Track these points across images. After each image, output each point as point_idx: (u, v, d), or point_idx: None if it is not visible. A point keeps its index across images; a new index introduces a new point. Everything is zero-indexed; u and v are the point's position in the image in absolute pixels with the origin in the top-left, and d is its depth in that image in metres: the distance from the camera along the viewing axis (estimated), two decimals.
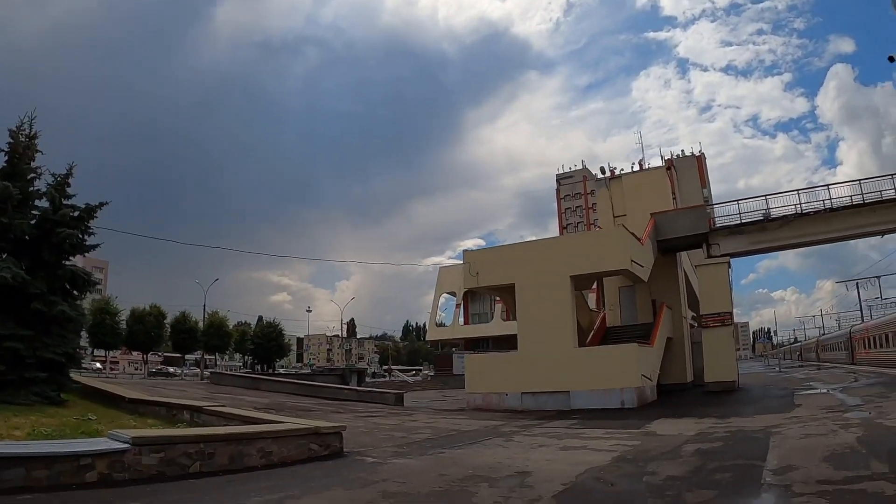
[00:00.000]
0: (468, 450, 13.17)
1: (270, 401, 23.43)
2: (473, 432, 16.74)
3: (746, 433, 13.87)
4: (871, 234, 31.51)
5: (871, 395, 19.97)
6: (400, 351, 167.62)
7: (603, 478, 9.42)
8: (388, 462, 11.09)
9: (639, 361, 24.36)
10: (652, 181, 37.22)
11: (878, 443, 10.62)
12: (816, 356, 76.45)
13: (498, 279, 27.72)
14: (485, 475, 9.60)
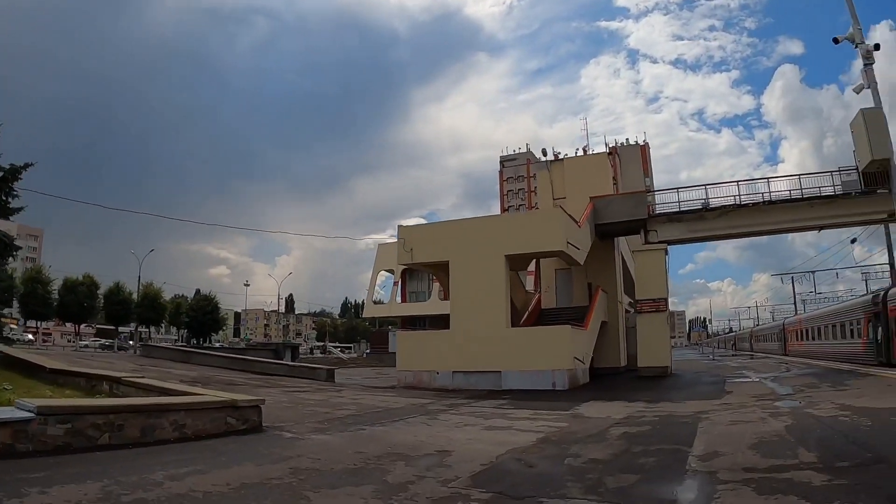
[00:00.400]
0: (390, 427, 12.88)
1: (199, 374, 22.73)
2: (399, 410, 16.49)
3: (675, 418, 13.83)
4: (808, 228, 32.26)
5: (802, 385, 20.29)
6: (338, 328, 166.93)
7: (524, 459, 9.16)
8: (305, 438, 10.77)
9: (571, 344, 24.41)
10: (593, 166, 37.42)
11: (807, 431, 10.58)
12: (750, 346, 78.35)
13: (432, 256, 27.38)
14: (403, 453, 9.38)
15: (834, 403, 14.32)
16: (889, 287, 29.89)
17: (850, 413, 12.47)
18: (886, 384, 18.49)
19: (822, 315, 40.90)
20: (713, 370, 33.99)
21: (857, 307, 32.25)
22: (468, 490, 7.08)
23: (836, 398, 15.50)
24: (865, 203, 28.86)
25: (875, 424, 10.84)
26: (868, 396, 15.27)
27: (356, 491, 6.91)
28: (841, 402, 14.55)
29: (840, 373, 24.51)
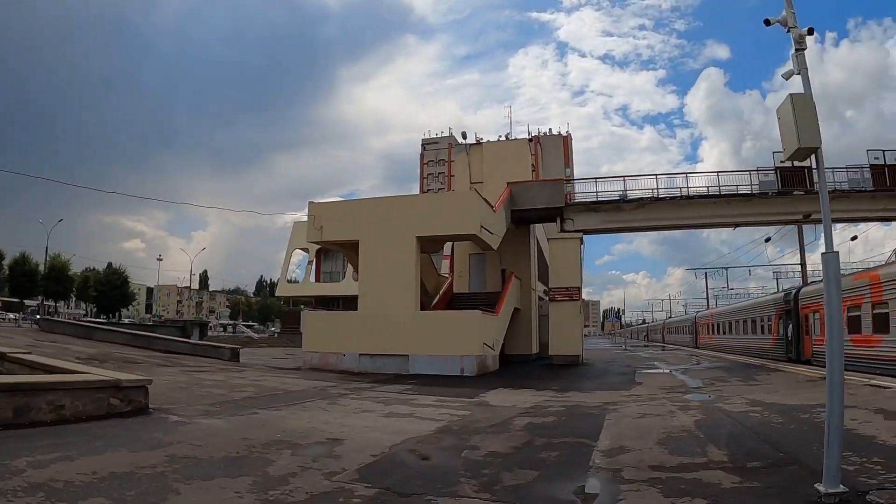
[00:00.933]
0: (286, 412, 12.24)
1: (98, 351, 21.41)
2: (299, 393, 15.80)
3: (583, 409, 13.48)
4: (725, 225, 33.06)
5: (712, 379, 20.40)
6: (252, 306, 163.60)
7: (419, 450, 8.63)
8: (192, 422, 10.09)
9: (481, 329, 24.03)
10: (513, 151, 37.28)
11: (717, 427, 10.31)
12: (662, 338, 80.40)
13: (342, 234, 26.44)
14: (292, 441, 8.87)
15: (744, 398, 14.27)
16: (801, 286, 30.77)
17: (761, 409, 12.36)
18: (796, 380, 18.73)
19: (734, 310, 41.97)
20: (624, 360, 34.23)
21: (768, 304, 33.06)
22: (353, 485, 6.56)
23: (746, 393, 15.52)
24: (781, 203, 29.78)
25: (786, 421, 10.67)
26: (779, 392, 15.33)
27: (231, 484, 6.37)
28: (751, 397, 14.53)
29: (750, 367, 24.89)
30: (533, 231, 35.05)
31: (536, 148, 41.44)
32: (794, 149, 6.39)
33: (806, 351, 26.12)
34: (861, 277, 21.78)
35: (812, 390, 15.38)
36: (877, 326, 19.78)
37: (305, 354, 25.97)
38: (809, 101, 6.50)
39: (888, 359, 18.92)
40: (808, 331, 26.17)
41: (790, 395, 14.62)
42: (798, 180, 29.72)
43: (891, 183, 29.35)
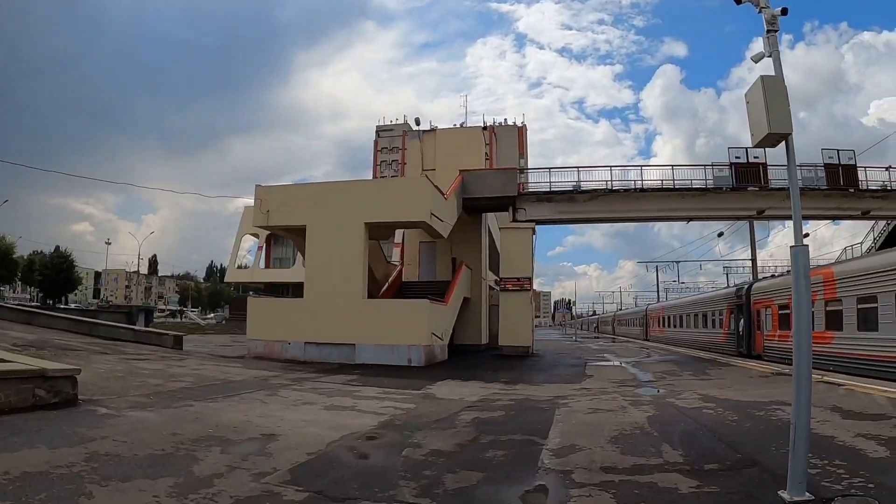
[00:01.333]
0: (222, 404, 11.61)
1: (37, 337, 20.43)
2: (239, 383, 15.21)
3: (532, 403, 13.09)
4: (678, 218, 33.10)
5: (663, 372, 20.28)
6: (202, 292, 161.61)
7: (358, 448, 8.19)
8: (122, 415, 9.54)
9: (429, 319, 23.62)
10: (467, 139, 36.93)
11: (670, 424, 10.01)
12: (612, 329, 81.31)
13: (289, 219, 25.63)
14: (224, 436, 8.37)
15: (697, 393, 14.08)
16: (753, 281, 30.97)
17: (715, 405, 12.13)
18: (748, 375, 18.64)
19: (685, 304, 42.31)
20: (575, 352, 34.16)
21: (720, 298, 33.27)
22: (282, 487, 6.13)
23: (698, 388, 15.35)
24: (735, 199, 30.15)
25: (741, 419, 10.39)
26: (731, 388, 15.15)
27: (151, 486, 5.91)
28: (704, 392, 14.36)
29: (701, 361, 24.89)
30: (485, 220, 34.75)
31: (491, 137, 41.28)
32: (764, 134, 6.00)
33: (757, 346, 26.25)
34: (814, 274, 21.82)
35: (765, 386, 15.29)
36: (830, 323, 19.85)
37: (249, 342, 25.22)
38: (781, 84, 6.12)
39: (840, 356, 18.99)
40: (759, 326, 26.30)
41: (743, 390, 14.46)
42: (753, 176, 29.94)
43: (844, 182, 29.78)
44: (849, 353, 18.55)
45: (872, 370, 17.01)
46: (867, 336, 17.79)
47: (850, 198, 29.95)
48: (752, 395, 13.47)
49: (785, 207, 29.68)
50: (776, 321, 24.38)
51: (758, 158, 30.32)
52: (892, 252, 18.39)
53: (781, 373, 18.38)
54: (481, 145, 36.43)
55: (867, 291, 17.92)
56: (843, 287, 19.10)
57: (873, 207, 30.39)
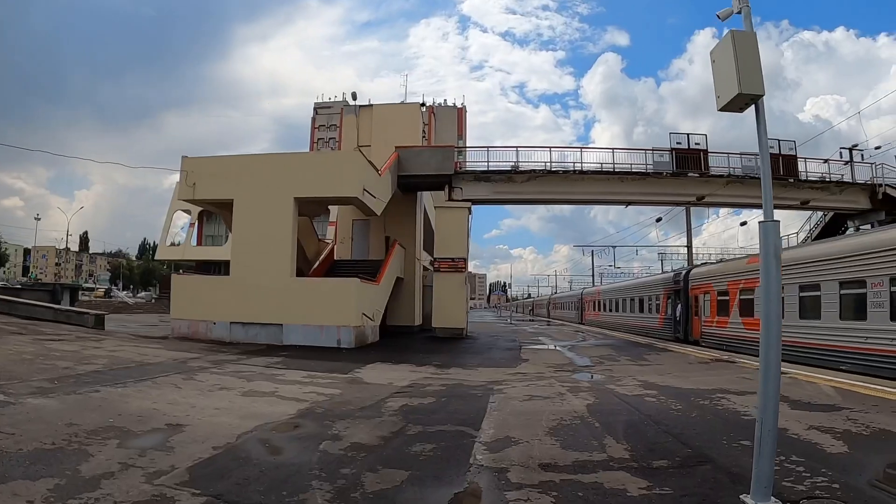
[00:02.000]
0: (132, 389, 10.81)
1: None
2: (156, 366, 14.34)
3: (465, 389, 12.39)
4: (617, 202, 33.12)
5: (600, 357, 19.81)
6: (133, 270, 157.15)
7: (271, 441, 7.44)
8: (19, 402, 8.88)
9: (360, 299, 22.80)
10: (404, 115, 36.02)
11: (612, 413, 9.43)
12: (548, 313, 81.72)
13: (216, 193, 24.31)
14: (125, 427, 7.70)
15: (636, 380, 13.60)
16: (692, 266, 30.98)
17: (657, 393, 11.62)
18: (687, 361, 18.30)
19: (622, 288, 42.37)
20: (510, 334, 33.67)
21: (657, 283, 33.25)
22: (177, 490, 5.41)
23: (637, 374, 14.89)
24: (675, 184, 30.32)
25: (686, 409, 9.87)
26: (672, 374, 14.71)
27: (28, 489, 5.24)
28: (644, 378, 13.88)
29: (638, 346, 24.57)
30: (420, 199, 34.24)
31: (430, 118, 40.87)
32: (733, 95, 5.30)
33: (695, 332, 26.18)
34: (756, 261, 21.64)
35: (706, 373, 14.91)
36: None
37: (174, 322, 24.02)
38: (753, 40, 5.42)
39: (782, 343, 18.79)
40: (697, 312, 26.21)
41: (684, 377, 14.02)
42: (693, 163, 30.06)
43: (784, 172, 30.15)
44: (789, 340, 18.37)
45: (813, 359, 16.87)
46: (809, 324, 17.64)
47: (790, 188, 30.31)
48: (694, 382, 13.04)
49: (724, 194, 29.89)
50: (714, 307, 24.27)
51: (699, 145, 30.43)
52: (835, 241, 18.31)
53: (721, 359, 18.15)
54: (419, 122, 35.66)
55: (810, 279, 17.76)
56: (784, 274, 18.88)
57: (812, 198, 30.77)
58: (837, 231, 33.74)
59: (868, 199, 32.10)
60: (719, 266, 25.66)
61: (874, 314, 15.14)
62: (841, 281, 16.44)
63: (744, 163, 30.54)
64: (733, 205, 32.77)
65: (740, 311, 21.75)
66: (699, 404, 10.24)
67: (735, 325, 22.17)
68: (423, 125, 37.16)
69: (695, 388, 12.14)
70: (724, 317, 23.01)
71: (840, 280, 16.43)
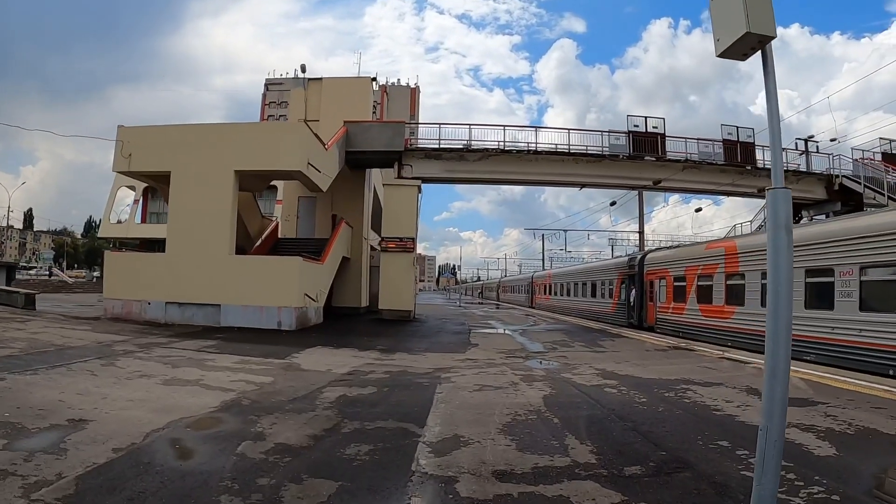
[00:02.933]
0: (42, 376, 9.74)
1: None
2: (76, 350, 13.12)
3: (410, 377, 11.42)
4: (571, 184, 32.13)
5: (553, 343, 19.02)
6: (78, 248, 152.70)
7: (183, 441, 6.43)
8: None
9: (302, 278, 21.65)
10: (354, 89, 34.46)
11: (572, 407, 8.58)
12: (497, 296, 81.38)
13: (153, 164, 22.76)
14: (19, 423, 6.70)
15: (594, 368, 12.83)
16: (647, 251, 30.38)
17: (617, 383, 10.81)
18: (643, 348, 17.60)
19: (574, 272, 41.81)
20: (459, 318, 32.85)
21: (610, 267, 32.68)
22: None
23: (594, 361, 14.12)
24: (631, 168, 29.82)
25: (650, 401, 9.08)
26: (630, 362, 13.95)
27: None
28: (601, 366, 13.11)
29: (591, 331, 23.88)
30: (369, 176, 33.17)
31: (383, 96, 39.83)
32: (740, 34, 4.28)
33: (649, 318, 25.61)
34: (715, 246, 21.18)
35: (665, 362, 14.24)
36: (730, 298, 19.23)
37: (106, 302, 22.56)
38: None
39: (740, 331, 18.32)
40: (652, 297, 25.62)
41: (643, 366, 13.29)
42: (650, 146, 29.54)
43: (742, 159, 30.08)
44: (750, 329, 17.87)
45: None
46: None
47: (747, 175, 30.17)
48: (654, 371, 12.31)
49: (680, 179, 29.42)
50: (671, 293, 23.68)
51: (656, 129, 30.01)
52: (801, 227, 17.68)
53: (678, 346, 17.56)
54: (370, 97, 34.30)
55: None
56: (748, 260, 18.36)
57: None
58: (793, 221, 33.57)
59: (824, 189, 32.08)
60: (676, 251, 25.05)
61: (841, 304, 14.58)
62: (807, 269, 15.81)
63: (700, 149, 30.34)
64: (689, 190, 32.35)
65: (698, 298, 21.19)
66: (664, 397, 9.46)
67: (692, 311, 21.62)
68: (376, 104, 35.90)
69: (656, 377, 11.41)
70: (681, 303, 22.44)
71: (806, 268, 15.81)
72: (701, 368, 12.84)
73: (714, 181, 30.36)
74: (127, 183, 47.06)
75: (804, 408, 8.49)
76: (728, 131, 31.20)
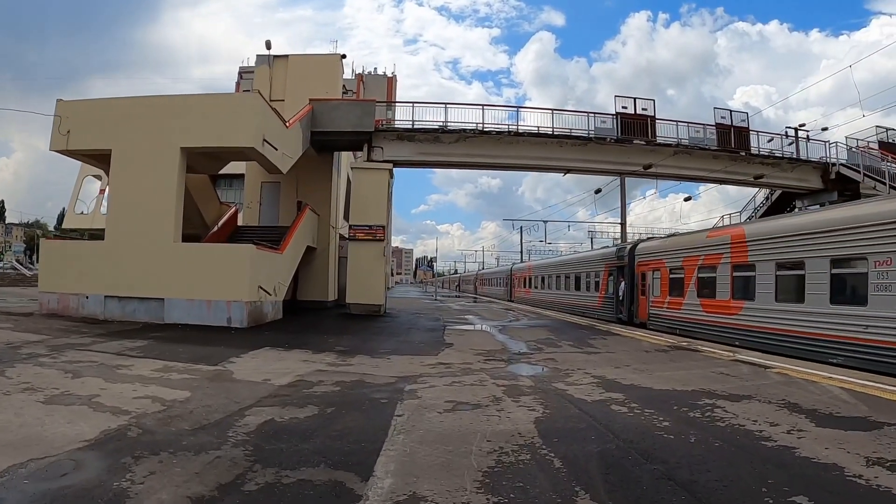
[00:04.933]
0: None
1: None
2: None
3: (367, 389, 9.14)
4: (555, 169, 30.15)
5: (538, 342, 16.70)
6: None
7: None
8: None
9: (255, 269, 19.34)
10: (323, 67, 31.74)
11: (574, 438, 6.41)
12: (475, 289, 79.81)
13: (93, 142, 20.18)
14: None
15: (590, 375, 10.67)
16: (638, 240, 28.32)
17: (623, 397, 8.64)
18: (641, 348, 15.35)
19: (557, 264, 39.76)
20: (434, 312, 30.66)
21: (597, 259, 30.61)
22: None
23: (588, 365, 11.95)
24: (619, 152, 27.97)
25: (675, 427, 6.90)
26: (631, 367, 11.76)
27: None
28: (598, 372, 10.97)
29: (578, 328, 21.68)
30: (338, 161, 30.96)
31: (359, 86, 38.06)
32: None
33: (641, 313, 23.44)
34: (719, 234, 19.09)
35: (671, 366, 12.13)
36: (738, 291, 17.13)
37: (41, 296, 20.26)
38: None
39: (750, 329, 16.25)
40: (644, 291, 23.43)
41: (647, 371, 11.12)
42: (640, 129, 27.48)
43: (736, 145, 28.53)
44: (762, 326, 15.80)
45: (794, 349, 14.26)
46: (788, 308, 14.96)
47: (740, 161, 28.66)
48: (663, 379, 10.15)
49: (671, 165, 27.38)
50: (666, 286, 21.46)
51: (646, 111, 27.89)
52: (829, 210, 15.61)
53: (679, 346, 15.49)
54: (339, 75, 31.80)
55: (790, 255, 15.02)
56: (759, 249, 16.26)
57: (765, 174, 28.87)
58: (783, 212, 31.73)
59: (820, 178, 30.65)
60: (673, 240, 22.79)
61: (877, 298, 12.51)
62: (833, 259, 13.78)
63: (692, 134, 28.50)
64: (680, 177, 30.22)
65: (699, 292, 19.07)
66: (690, 418, 7.30)
67: (691, 306, 19.47)
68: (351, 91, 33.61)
69: (669, 388, 9.29)
70: (678, 297, 20.29)
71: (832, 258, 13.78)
72: (717, 375, 10.73)
73: (706, 167, 28.56)
74: (93, 172, 44.30)
75: (870, 432, 6.48)
76: (721, 115, 29.39)
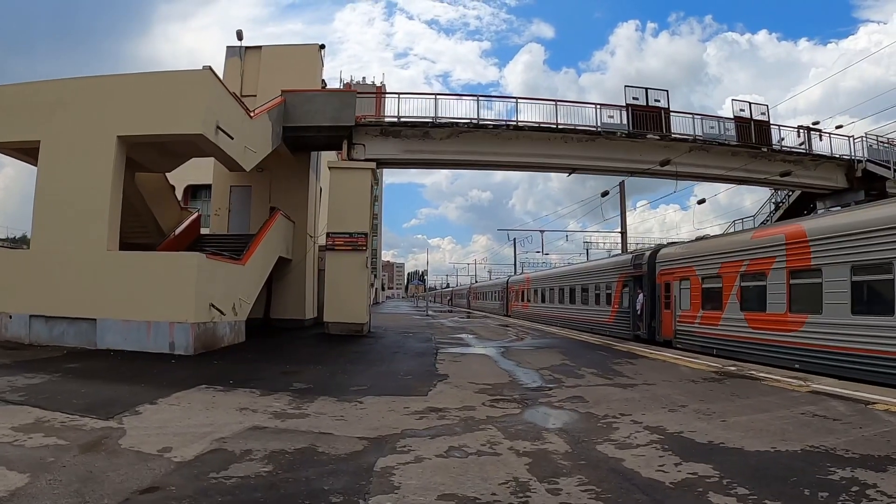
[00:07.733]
0: None
1: None
2: None
3: (314, 471, 5.79)
4: (558, 168, 27.31)
5: (553, 370, 13.41)
6: None
7: None
8: None
9: (205, 282, 16.13)
10: (300, 59, 28.21)
11: None
12: (468, 303, 78.12)
13: (18, 133, 17.19)
14: None
15: (645, 427, 7.51)
16: (659, 246, 25.16)
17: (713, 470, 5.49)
18: (682, 376, 12.08)
19: (560, 275, 36.74)
20: (424, 330, 27.41)
21: (609, 268, 27.50)
22: None
23: (632, 407, 8.77)
24: (630, 148, 25.10)
25: None
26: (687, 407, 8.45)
27: None
28: (653, 421, 7.83)
29: (593, 348, 18.53)
30: (317, 161, 27.97)
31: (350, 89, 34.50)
32: None
33: (665, 329, 20.26)
34: (769, 234, 15.99)
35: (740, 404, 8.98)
36: (797, 303, 14.02)
37: None
38: None
39: (816, 349, 13.14)
40: (669, 304, 20.19)
41: (716, 415, 7.98)
42: (653, 122, 24.83)
43: (756, 140, 25.92)
44: (833, 346, 12.76)
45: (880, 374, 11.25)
46: (871, 322, 11.87)
47: (760, 158, 25.89)
48: (745, 429, 7.11)
49: (687, 163, 24.27)
50: (698, 298, 18.29)
51: (658, 102, 24.91)
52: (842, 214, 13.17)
53: (729, 372, 12.36)
54: (317, 68, 28.56)
55: (872, 256, 11.93)
56: (827, 250, 13.16)
57: (790, 171, 25.94)
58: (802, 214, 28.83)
59: (845, 176, 28.09)
60: (704, 244, 19.47)
61: None
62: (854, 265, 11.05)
63: (706, 129, 25.74)
64: (696, 176, 27.03)
65: (742, 304, 15.91)
66: None
67: (733, 321, 16.29)
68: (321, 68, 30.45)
69: (769, 449, 6.26)
70: (715, 311, 17.11)
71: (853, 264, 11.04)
72: (811, 419, 7.71)
73: (723, 166, 25.68)
74: None
75: None
76: (740, 107, 26.53)
